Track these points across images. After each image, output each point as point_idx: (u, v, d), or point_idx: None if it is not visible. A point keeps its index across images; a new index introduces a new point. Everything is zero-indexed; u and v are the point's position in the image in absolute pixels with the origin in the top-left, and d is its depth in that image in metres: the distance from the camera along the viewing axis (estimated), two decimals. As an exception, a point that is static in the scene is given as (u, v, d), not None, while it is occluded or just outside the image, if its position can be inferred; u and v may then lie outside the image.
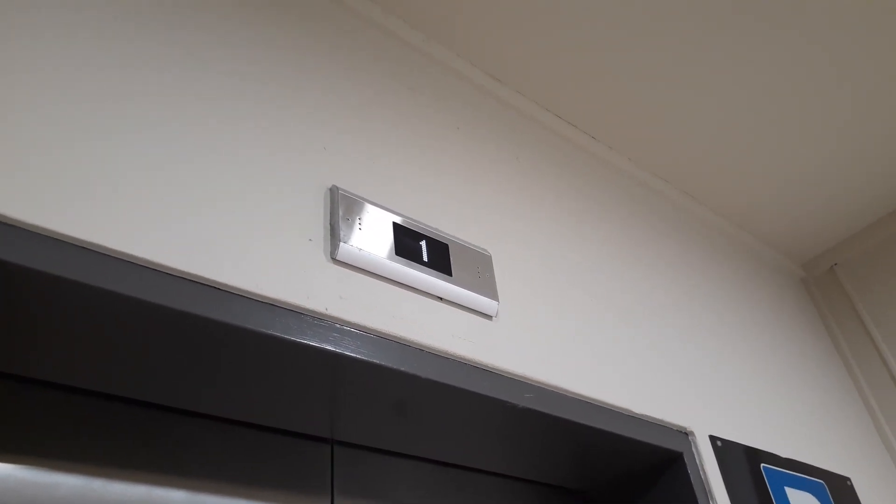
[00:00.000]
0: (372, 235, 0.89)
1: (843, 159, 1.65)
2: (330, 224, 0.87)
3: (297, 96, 0.97)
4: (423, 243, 0.95)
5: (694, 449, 1.14)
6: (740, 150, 1.60)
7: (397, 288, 0.90)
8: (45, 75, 0.71)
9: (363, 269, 0.87)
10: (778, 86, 1.45)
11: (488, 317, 0.98)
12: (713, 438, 1.18)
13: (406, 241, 0.93)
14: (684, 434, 1.15)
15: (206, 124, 0.83)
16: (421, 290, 0.92)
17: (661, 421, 1.12)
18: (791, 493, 1.25)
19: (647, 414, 1.10)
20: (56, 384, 0.77)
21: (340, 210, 0.88)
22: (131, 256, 0.67)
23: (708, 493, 1.10)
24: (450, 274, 0.95)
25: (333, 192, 0.90)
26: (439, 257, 0.96)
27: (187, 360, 0.75)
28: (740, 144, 1.58)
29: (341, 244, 0.84)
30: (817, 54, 1.39)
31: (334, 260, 0.85)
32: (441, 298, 0.94)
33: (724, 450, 1.19)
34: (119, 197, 0.69)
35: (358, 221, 0.89)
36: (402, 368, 0.83)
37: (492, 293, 0.99)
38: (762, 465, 1.24)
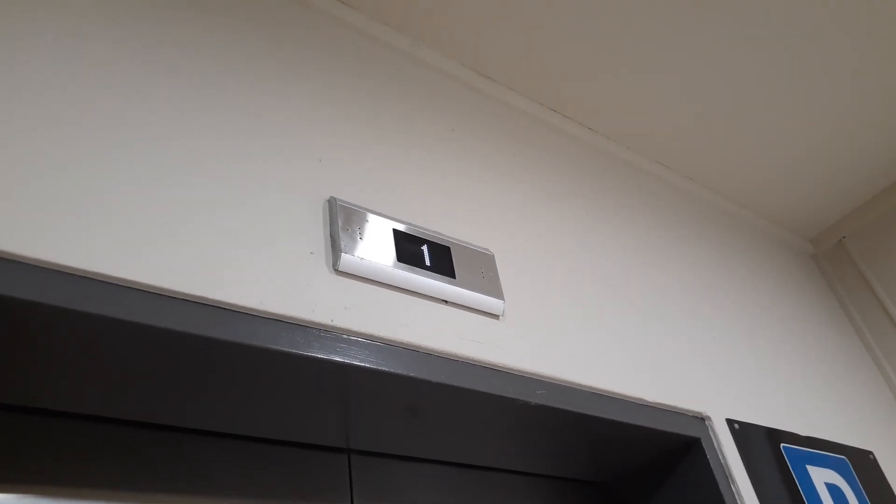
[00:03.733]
0: (373, 244, 0.89)
1: (844, 132, 1.64)
2: (330, 235, 0.88)
3: (289, 110, 0.98)
4: (424, 248, 0.95)
5: (711, 433, 1.14)
6: (741, 129, 1.59)
7: (402, 294, 0.90)
8: (29, 97, 0.71)
9: (366, 278, 0.87)
10: (776, 61, 1.44)
11: (495, 316, 0.98)
12: (730, 422, 1.18)
13: (407, 247, 0.93)
14: (700, 419, 1.15)
15: (197, 142, 0.83)
16: (425, 295, 0.92)
17: (676, 408, 1.12)
18: (813, 470, 1.25)
19: (661, 401, 1.10)
20: (66, 413, 0.78)
21: (340, 220, 0.88)
22: (132, 282, 0.67)
23: (728, 477, 1.10)
24: (453, 276, 0.95)
25: (332, 203, 0.90)
26: (442, 260, 0.96)
27: (198, 381, 0.76)
28: (740, 124, 1.57)
29: (343, 255, 0.85)
30: (818, 27, 1.38)
31: (337, 271, 0.85)
32: (446, 301, 0.94)
33: (742, 432, 1.18)
34: (114, 221, 0.69)
35: (358, 231, 0.89)
36: (412, 374, 0.83)
37: (497, 292, 0.99)
38: (782, 444, 1.24)
